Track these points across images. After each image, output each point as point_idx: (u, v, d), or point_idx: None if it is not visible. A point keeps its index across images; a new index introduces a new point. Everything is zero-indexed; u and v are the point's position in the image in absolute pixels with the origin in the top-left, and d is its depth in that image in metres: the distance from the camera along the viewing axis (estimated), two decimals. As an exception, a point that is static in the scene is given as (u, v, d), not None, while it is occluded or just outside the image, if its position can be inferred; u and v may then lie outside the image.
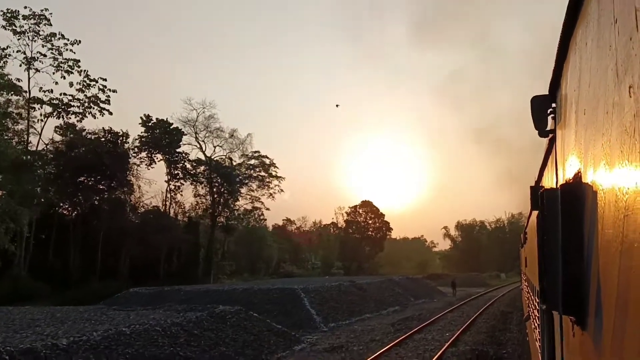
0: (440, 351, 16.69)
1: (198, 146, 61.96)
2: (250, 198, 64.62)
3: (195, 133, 61.22)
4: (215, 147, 63.63)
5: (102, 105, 44.07)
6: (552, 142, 3.40)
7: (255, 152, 64.69)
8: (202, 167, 59.58)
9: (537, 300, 5.34)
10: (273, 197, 66.85)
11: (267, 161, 66.17)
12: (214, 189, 59.53)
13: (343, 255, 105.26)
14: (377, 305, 32.90)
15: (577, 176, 1.95)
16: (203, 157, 60.71)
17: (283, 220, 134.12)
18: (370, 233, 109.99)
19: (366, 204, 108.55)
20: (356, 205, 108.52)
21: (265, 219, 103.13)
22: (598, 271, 1.55)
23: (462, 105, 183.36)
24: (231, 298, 27.87)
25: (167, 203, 58.26)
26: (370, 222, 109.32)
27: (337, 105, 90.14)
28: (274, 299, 27.52)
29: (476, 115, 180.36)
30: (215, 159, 61.34)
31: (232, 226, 62.33)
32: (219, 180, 59.50)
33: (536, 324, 6.34)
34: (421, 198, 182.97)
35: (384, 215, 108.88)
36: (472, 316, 27.39)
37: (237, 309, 19.77)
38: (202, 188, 59.77)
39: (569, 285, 1.91)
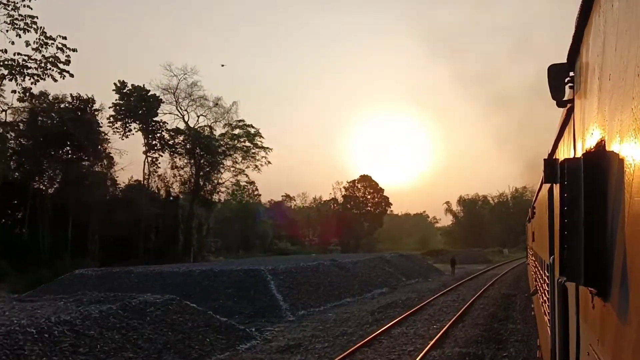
0: (419, 357, 12.31)
1: (180, 115, 57.25)
2: (234, 170, 59.85)
3: (176, 101, 56.48)
4: (198, 116, 58.97)
5: (61, 66, 39.30)
6: (569, 113, 3.31)
7: (240, 120, 59.91)
8: (181, 137, 54.87)
9: (547, 274, 5.69)
10: (259, 169, 62.22)
11: (252, 131, 61.29)
12: (193, 161, 54.92)
13: (341, 232, 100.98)
14: (362, 287, 28.62)
15: (601, 145, 1.86)
16: (184, 127, 55.98)
17: (282, 196, 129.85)
18: (369, 208, 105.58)
19: (365, 179, 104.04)
20: (354, 180, 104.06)
21: (260, 195, 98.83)
22: (624, 241, 1.48)
23: (467, 67, 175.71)
24: (186, 281, 23.66)
25: (147, 176, 53.77)
26: (369, 197, 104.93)
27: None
28: (236, 282, 23.29)
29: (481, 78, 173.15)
30: (196, 128, 56.53)
31: (212, 201, 57.86)
32: (199, 151, 54.89)
33: (545, 298, 6.17)
34: (425, 174, 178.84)
35: (383, 190, 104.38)
36: (469, 300, 23.07)
37: (166, 299, 15.50)
38: (181, 159, 55.20)
39: (591, 256, 1.85)
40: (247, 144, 61.13)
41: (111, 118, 53.09)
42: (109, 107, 50.88)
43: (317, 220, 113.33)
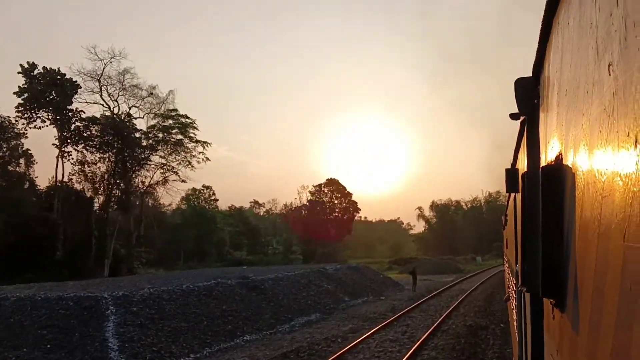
0: None
1: (106, 106, 48.17)
2: (162, 167, 50.86)
3: (101, 89, 47.39)
4: (130, 107, 49.92)
5: None
6: (523, 125, 3.48)
7: (172, 110, 50.95)
8: (95, 127, 45.78)
9: (514, 282, 5.75)
10: (192, 166, 53.33)
11: (184, 121, 52.36)
12: (108, 155, 45.86)
13: (306, 239, 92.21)
14: (279, 315, 20.16)
15: (559, 158, 1.89)
16: (101, 115, 46.76)
17: (250, 202, 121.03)
18: (336, 214, 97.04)
19: (332, 182, 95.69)
20: (321, 184, 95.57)
21: (217, 199, 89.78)
22: (576, 253, 1.53)
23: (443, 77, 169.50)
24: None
25: (71, 175, 44.51)
26: (336, 202, 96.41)
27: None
28: (59, 317, 14.48)
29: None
30: (112, 116, 47.37)
31: (130, 204, 48.79)
32: (118, 145, 45.85)
33: (514, 305, 6.16)
34: (401, 181, 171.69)
35: (352, 194, 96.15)
36: (417, 341, 14.65)
37: None
38: (93, 154, 46.09)
39: (548, 268, 1.87)
40: (180, 137, 52.00)
41: (20, 107, 43.76)
42: (14, 93, 41.61)
43: (284, 228, 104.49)
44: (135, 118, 50.21)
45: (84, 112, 45.39)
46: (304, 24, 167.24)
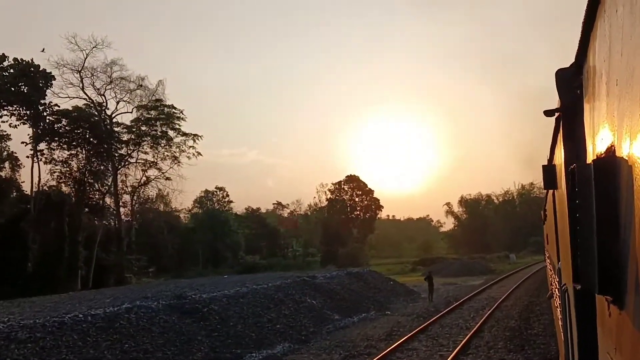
0: None
1: (88, 100, 42.76)
2: (144, 164, 45.11)
3: (82, 81, 42.03)
4: (118, 102, 44.41)
5: None
6: (559, 120, 3.40)
7: (157, 100, 45.17)
8: (65, 121, 40.29)
9: (557, 279, 5.64)
10: (179, 162, 47.41)
11: (170, 111, 46.48)
12: (78, 151, 40.34)
13: (326, 240, 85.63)
14: (220, 350, 13.86)
15: (610, 150, 1.82)
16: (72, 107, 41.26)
17: (273, 204, 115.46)
18: (357, 213, 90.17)
19: (352, 179, 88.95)
20: (340, 181, 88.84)
21: (231, 201, 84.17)
22: (637, 249, 1.45)
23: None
24: None
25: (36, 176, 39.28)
26: (357, 200, 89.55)
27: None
28: None
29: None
30: (83, 107, 41.85)
31: (101, 206, 43.11)
32: (92, 139, 40.30)
33: (558, 303, 5.97)
34: (430, 177, 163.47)
35: (373, 191, 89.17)
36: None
37: None
38: (62, 150, 40.66)
39: (605, 264, 1.79)
40: (168, 130, 46.16)
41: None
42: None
43: (306, 229, 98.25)
44: (123, 113, 44.51)
45: (58, 106, 39.97)
46: (324, 23, 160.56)
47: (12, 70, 38.23)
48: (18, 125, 39.00)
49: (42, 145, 40.06)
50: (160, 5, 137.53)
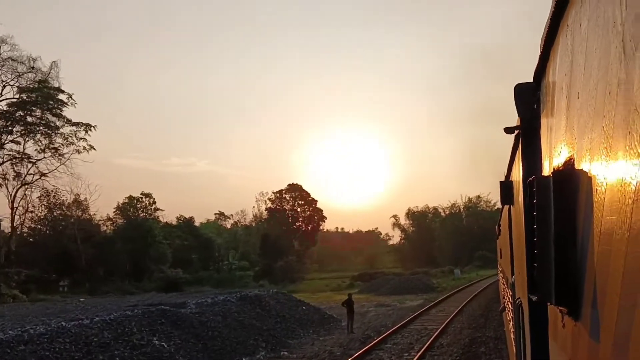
0: None
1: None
2: (14, 157, 36.88)
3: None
4: (4, 85, 35.94)
5: None
6: (518, 137, 3.43)
7: (41, 82, 37.12)
8: None
9: (510, 292, 5.62)
10: (60, 154, 39.35)
11: (50, 92, 38.45)
12: None
13: (264, 252, 78.13)
14: None
15: (569, 163, 1.85)
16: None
17: (215, 214, 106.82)
18: (299, 224, 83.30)
19: (294, 188, 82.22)
20: (281, 190, 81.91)
21: (158, 209, 75.41)
22: (594, 260, 1.47)
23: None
24: None
25: None
26: (299, 210, 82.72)
27: None
28: None
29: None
30: None
31: None
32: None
33: (511, 316, 6.14)
34: (383, 192, 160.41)
35: (317, 201, 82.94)
36: None
37: None
38: None
39: (562, 275, 1.81)
40: (48, 116, 38.04)
41: None
42: None
43: (247, 242, 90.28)
44: (10, 99, 36.09)
45: None
46: (281, 36, 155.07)
47: None
48: None
49: None
50: (99, 14, 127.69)
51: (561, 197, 1.82)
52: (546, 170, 2.45)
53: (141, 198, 74.82)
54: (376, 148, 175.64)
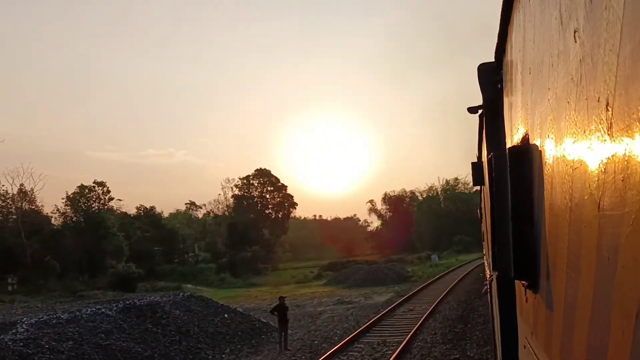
0: None
1: None
2: None
3: None
4: None
5: None
6: (482, 117, 3.49)
7: None
8: None
9: (488, 273, 5.94)
10: None
11: None
12: None
13: (232, 242, 72.01)
14: None
15: (525, 138, 1.87)
16: None
17: (186, 204, 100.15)
18: (269, 211, 77.17)
19: (262, 174, 76.11)
20: (249, 176, 75.58)
21: (113, 198, 68.66)
22: (546, 232, 1.51)
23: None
24: None
25: None
26: (268, 197, 76.54)
27: None
28: None
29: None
30: None
31: None
32: None
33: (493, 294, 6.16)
34: (362, 178, 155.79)
35: (286, 187, 76.97)
36: None
37: None
38: None
39: (520, 250, 1.81)
40: None
41: None
42: None
43: (216, 231, 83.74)
44: None
45: None
46: (257, 24, 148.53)
47: None
48: None
49: None
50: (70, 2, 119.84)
51: (517, 173, 1.81)
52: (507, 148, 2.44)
53: (93, 187, 67.79)
54: (355, 135, 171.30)
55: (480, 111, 3.35)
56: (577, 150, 1.08)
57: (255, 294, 37.97)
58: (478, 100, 3.20)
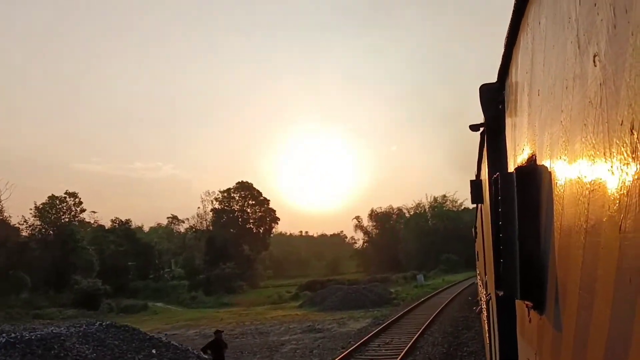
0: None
1: None
2: None
3: None
4: None
5: None
6: (483, 135, 3.50)
7: None
8: None
9: (486, 293, 5.53)
10: None
11: None
12: None
13: (211, 258, 68.17)
14: None
15: (532, 159, 1.88)
16: None
17: (168, 218, 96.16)
18: (250, 226, 73.45)
19: (244, 187, 72.54)
20: (229, 189, 72.02)
21: (85, 210, 64.82)
22: (556, 252, 1.51)
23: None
24: None
25: None
26: (249, 211, 72.87)
27: None
28: None
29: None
30: None
31: None
32: None
33: (485, 316, 6.14)
34: (350, 194, 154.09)
35: (269, 201, 73.51)
36: None
37: None
38: None
39: (527, 270, 1.82)
40: None
41: None
42: None
43: (196, 246, 79.62)
44: None
45: None
46: (248, 38, 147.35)
47: None
48: None
49: None
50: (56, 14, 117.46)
51: (524, 193, 1.83)
52: (511, 168, 2.50)
53: (64, 198, 63.84)
54: (344, 151, 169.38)
55: (481, 129, 3.39)
56: (594, 172, 1.07)
57: (222, 316, 34.36)
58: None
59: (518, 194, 1.84)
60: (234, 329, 26.39)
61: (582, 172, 1.17)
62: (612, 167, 0.96)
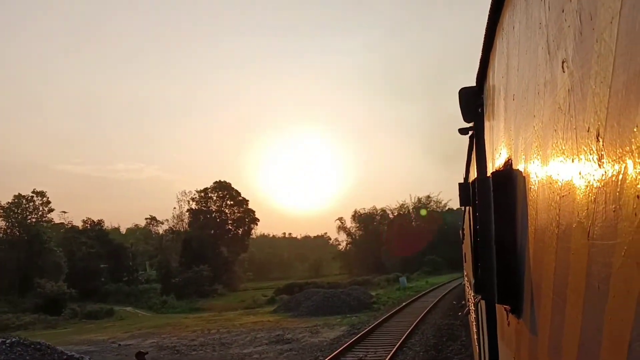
0: None
1: None
2: None
3: None
4: None
5: None
6: (472, 138, 3.44)
7: None
8: None
9: (473, 294, 5.55)
10: None
11: None
12: None
13: (187, 260, 65.12)
14: None
15: (508, 163, 1.89)
16: None
17: (146, 219, 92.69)
18: (228, 227, 70.53)
19: (222, 187, 69.67)
20: (207, 188, 69.05)
21: (53, 209, 61.50)
22: (531, 257, 1.52)
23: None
24: None
25: None
26: (227, 211, 69.95)
27: None
28: None
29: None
30: None
31: None
32: None
33: (474, 317, 6.12)
34: (335, 196, 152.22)
35: (248, 201, 70.71)
36: None
37: None
38: None
39: (503, 274, 1.82)
40: None
41: None
42: None
43: (172, 248, 76.33)
44: None
45: None
46: (232, 40, 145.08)
47: None
48: None
49: None
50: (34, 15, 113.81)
51: (501, 198, 1.83)
52: (489, 172, 2.48)
53: (31, 197, 60.33)
54: (328, 151, 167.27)
55: (470, 132, 3.39)
56: (564, 178, 1.09)
57: (189, 323, 31.66)
58: (458, 123, 3.32)
59: (494, 198, 1.83)
60: (195, 339, 23.85)
61: (554, 177, 1.18)
62: (580, 173, 0.96)
